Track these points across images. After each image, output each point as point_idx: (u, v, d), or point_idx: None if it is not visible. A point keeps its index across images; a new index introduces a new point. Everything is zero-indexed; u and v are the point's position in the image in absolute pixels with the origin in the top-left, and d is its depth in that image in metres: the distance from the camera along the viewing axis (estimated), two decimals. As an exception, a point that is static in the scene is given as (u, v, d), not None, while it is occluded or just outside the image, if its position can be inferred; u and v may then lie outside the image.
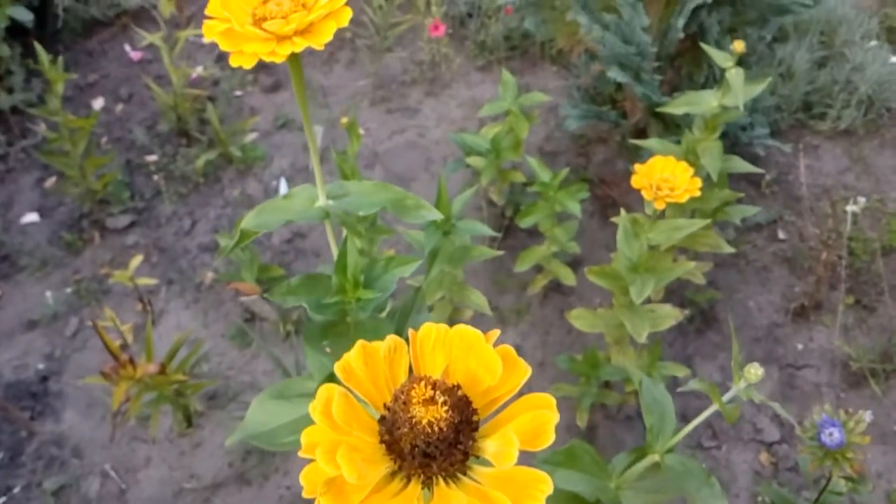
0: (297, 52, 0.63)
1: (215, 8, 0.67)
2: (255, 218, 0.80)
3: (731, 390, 0.82)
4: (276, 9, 0.66)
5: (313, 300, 0.77)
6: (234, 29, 0.64)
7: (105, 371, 1.18)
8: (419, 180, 2.30)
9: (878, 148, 2.31)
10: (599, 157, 2.31)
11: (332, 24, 0.64)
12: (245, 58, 0.64)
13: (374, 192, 0.81)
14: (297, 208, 0.80)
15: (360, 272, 0.78)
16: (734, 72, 1.30)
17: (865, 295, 1.95)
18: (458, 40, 2.67)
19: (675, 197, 1.18)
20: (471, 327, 0.49)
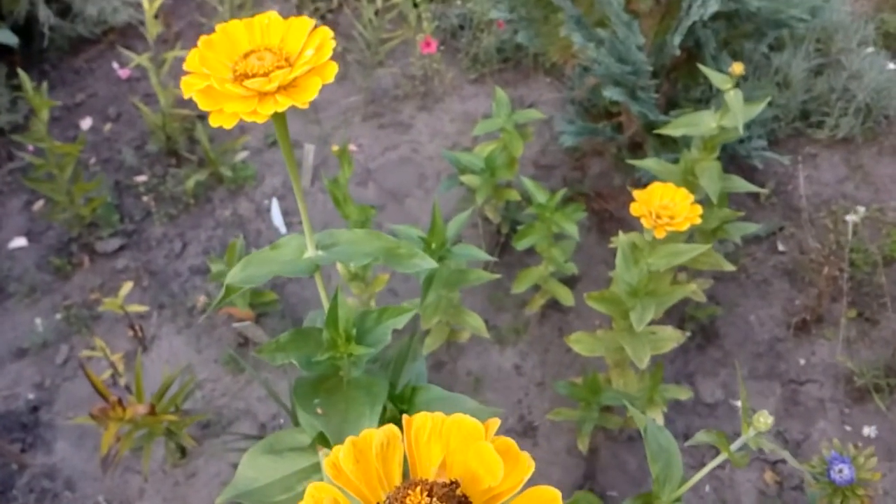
0: (281, 111, 0.60)
1: (193, 63, 0.64)
2: (241, 272, 0.77)
3: (741, 439, 0.79)
4: (257, 64, 0.63)
5: (303, 356, 0.74)
6: (214, 87, 0.61)
7: (94, 413, 1.15)
8: (413, 196, 2.27)
9: (876, 156, 2.29)
10: (595, 171, 2.28)
11: (316, 81, 0.61)
12: (225, 117, 0.61)
13: (365, 240, 0.78)
14: (285, 260, 0.77)
15: (352, 325, 0.75)
16: (733, 94, 1.27)
17: (867, 307, 1.92)
18: (451, 53, 2.64)
19: (676, 225, 1.15)
20: (469, 418, 0.46)
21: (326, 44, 0.63)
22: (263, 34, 0.67)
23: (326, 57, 0.62)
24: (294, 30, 0.66)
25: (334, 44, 0.63)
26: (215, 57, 0.65)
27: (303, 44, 0.65)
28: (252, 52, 0.65)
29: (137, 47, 2.67)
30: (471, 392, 1.84)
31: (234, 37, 0.67)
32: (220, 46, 0.66)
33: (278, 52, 0.64)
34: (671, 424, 1.74)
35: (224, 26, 0.68)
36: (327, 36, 0.64)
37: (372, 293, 1.72)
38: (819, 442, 1.72)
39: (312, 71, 0.62)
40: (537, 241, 1.64)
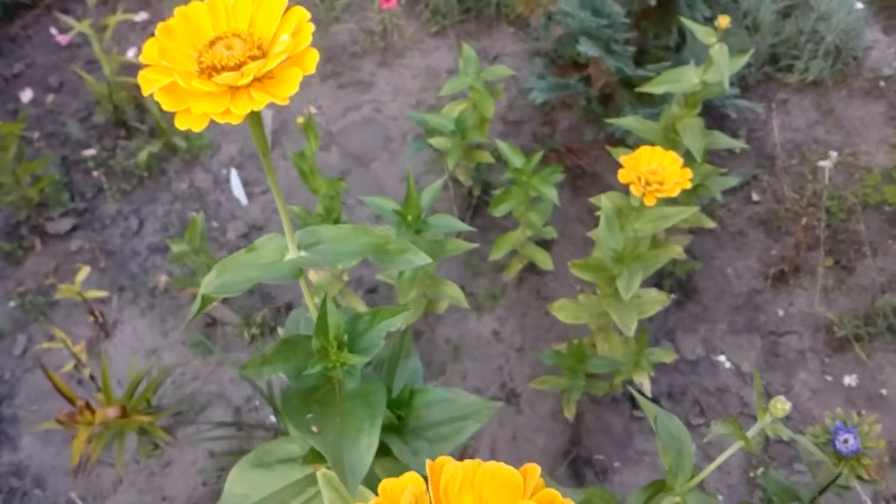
0: (258, 109, 0.53)
1: (151, 54, 0.55)
2: (216, 279, 0.70)
3: (756, 425, 0.76)
4: (226, 54, 0.55)
5: (292, 369, 0.68)
6: (179, 84, 0.53)
7: (61, 419, 1.08)
8: (379, 160, 2.19)
9: (846, 98, 2.26)
10: (565, 125, 2.22)
11: (296, 73, 0.54)
12: (194, 119, 0.53)
13: (351, 237, 0.71)
14: (264, 263, 0.70)
15: (344, 332, 0.68)
16: (718, 48, 1.21)
17: (844, 255, 1.92)
18: (410, 5, 2.52)
19: (666, 191, 1.10)
20: (505, 467, 0.41)
21: (304, 28, 0.55)
22: (229, 16, 0.59)
23: (306, 43, 0.55)
24: (265, 10, 0.58)
25: (312, 28, 0.55)
26: (176, 46, 0.57)
27: (276, 27, 0.57)
28: (218, 38, 0.57)
29: (76, 10, 2.50)
30: (450, 361, 1.80)
31: (196, 21, 0.59)
32: (180, 34, 0.58)
33: (248, 37, 0.56)
34: (654, 384, 1.72)
35: (183, 10, 0.60)
36: (304, 18, 0.56)
37: (344, 269, 1.65)
38: (801, 394, 1.72)
39: (290, 60, 0.54)
40: (514, 207, 1.58)
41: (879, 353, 1.76)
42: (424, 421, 0.72)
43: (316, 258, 0.69)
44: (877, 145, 2.15)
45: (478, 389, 1.76)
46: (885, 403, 1.70)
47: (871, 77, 2.31)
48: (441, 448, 0.70)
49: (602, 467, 1.66)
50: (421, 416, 0.71)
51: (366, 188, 2.12)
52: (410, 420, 0.71)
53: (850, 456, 0.94)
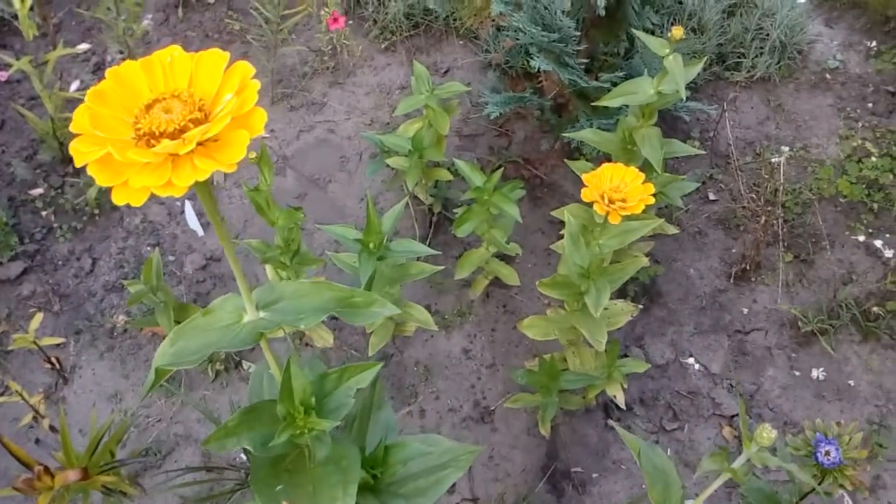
0: (203, 179, 0.50)
1: (82, 123, 0.52)
2: (170, 347, 0.66)
3: (743, 455, 0.75)
4: (165, 118, 0.52)
5: (258, 438, 0.65)
6: (113, 155, 0.50)
7: (18, 486, 1.03)
8: (336, 181, 2.15)
9: (794, 93, 2.29)
10: (521, 136, 2.21)
11: (242, 136, 0.51)
12: (132, 193, 0.50)
13: (313, 292, 0.69)
14: (221, 326, 0.67)
15: (310, 395, 0.66)
16: (672, 59, 1.21)
17: (802, 249, 1.94)
18: (357, 22, 2.49)
19: (630, 209, 1.10)
20: None
21: (249, 86, 0.53)
22: (167, 76, 0.56)
23: (252, 103, 0.52)
24: (205, 67, 0.55)
25: (258, 86, 0.53)
26: (110, 113, 0.54)
27: (218, 84, 0.54)
28: (156, 101, 0.54)
29: (14, 45, 2.42)
30: (422, 383, 1.77)
31: (131, 83, 0.56)
32: (114, 98, 0.55)
33: (189, 98, 0.53)
34: (626, 390, 1.72)
35: (116, 70, 0.57)
36: (248, 74, 0.53)
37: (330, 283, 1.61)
38: (771, 391, 1.73)
39: (236, 122, 0.52)
40: (477, 225, 1.57)
41: (844, 344, 1.79)
42: (401, 476, 0.69)
43: (276, 318, 0.66)
44: (827, 137, 2.18)
45: (451, 409, 1.74)
46: (854, 394, 1.73)
47: (817, 70, 2.35)
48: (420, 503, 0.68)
49: (581, 479, 1.65)
50: (397, 472, 0.69)
51: (324, 211, 2.08)
52: (386, 477, 0.68)
53: (832, 468, 0.94)
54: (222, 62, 0.54)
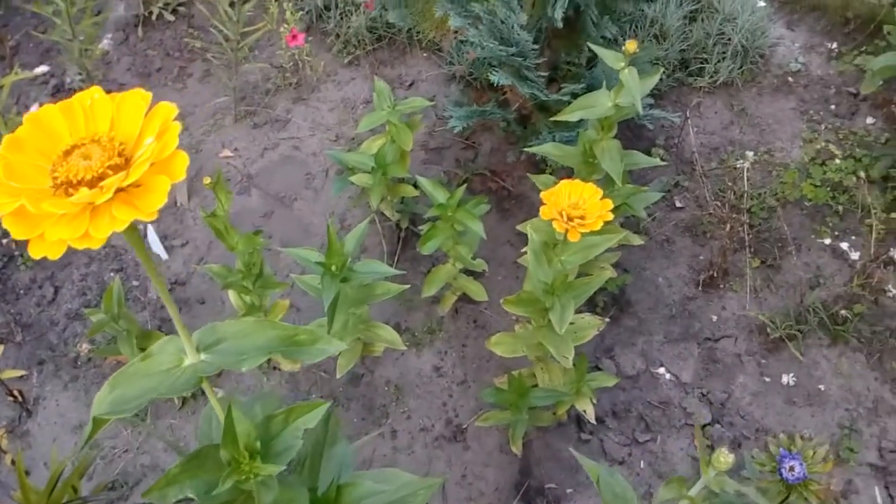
0: (122, 229, 0.48)
1: (-5, 174, 0.50)
2: (108, 394, 0.64)
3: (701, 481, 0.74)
4: (83, 164, 0.50)
5: (202, 486, 0.63)
6: (27, 208, 0.47)
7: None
8: (302, 198, 2.13)
9: (757, 97, 2.31)
10: (487, 147, 2.20)
11: (163, 182, 0.49)
12: (49, 246, 0.48)
13: (256, 331, 0.67)
14: (161, 371, 0.65)
15: (255, 439, 0.64)
16: (628, 72, 1.20)
17: (769, 254, 1.95)
18: (320, 37, 2.48)
19: (589, 226, 1.09)
20: None
21: (171, 128, 0.51)
22: (88, 119, 0.54)
23: (173, 146, 0.50)
24: (127, 109, 0.53)
25: (179, 128, 0.51)
26: (28, 160, 0.52)
27: (141, 127, 0.52)
28: (75, 146, 0.52)
29: (-35, 69, 2.37)
30: (393, 402, 1.75)
31: (51, 128, 0.54)
32: (31, 145, 0.53)
33: (109, 143, 0.51)
34: (598, 404, 1.71)
35: (35, 116, 0.54)
36: (170, 115, 0.52)
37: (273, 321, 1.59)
38: (742, 398, 1.73)
39: (156, 167, 0.50)
40: (442, 242, 1.55)
41: (813, 349, 1.79)
42: (354, 516, 0.67)
43: (217, 361, 0.64)
44: (791, 140, 2.19)
45: (423, 429, 1.72)
46: (825, 399, 1.73)
47: (779, 73, 2.36)
48: (374, 545, 0.66)
49: (555, 496, 1.63)
50: (350, 513, 0.67)
51: (291, 230, 2.06)
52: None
53: (796, 483, 0.93)
54: (144, 104, 0.52)
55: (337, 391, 1.77)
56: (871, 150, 2.11)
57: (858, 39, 2.42)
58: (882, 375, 1.75)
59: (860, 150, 2.13)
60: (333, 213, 2.07)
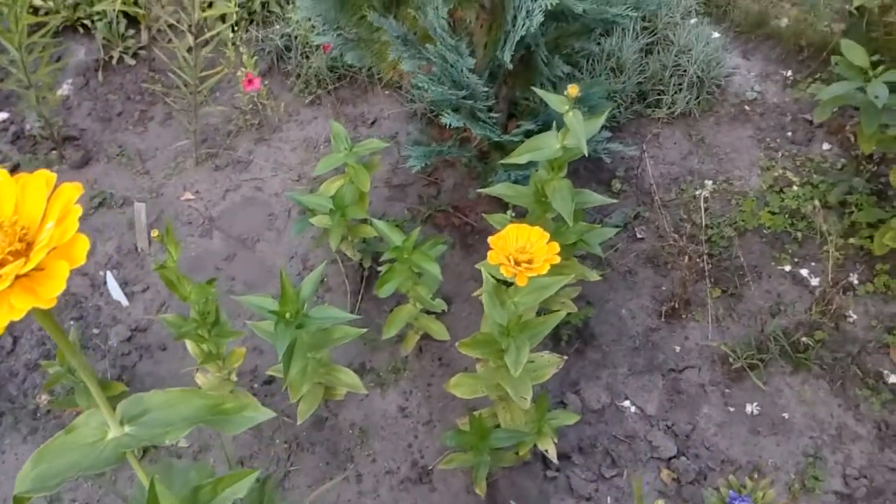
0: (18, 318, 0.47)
1: None
2: (31, 470, 0.63)
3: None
4: (-17, 250, 0.49)
5: (126, 565, 0.62)
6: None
7: None
8: (265, 240, 2.12)
9: (714, 126, 2.34)
10: (449, 183, 2.21)
11: (62, 267, 0.49)
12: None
13: (181, 401, 0.66)
14: (85, 444, 0.64)
15: (180, 513, 0.63)
16: (572, 115, 1.22)
17: (730, 283, 1.96)
18: (281, 77, 2.49)
19: (536, 270, 1.09)
20: None
21: (72, 212, 0.50)
22: (-7, 202, 0.53)
23: (73, 231, 0.50)
24: (31, 191, 0.53)
25: (80, 211, 0.50)
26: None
27: (44, 210, 0.52)
28: (-23, 231, 0.51)
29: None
30: (357, 446, 1.74)
31: (-46, 213, 0.53)
32: (-66, 231, 0.52)
33: (11, 227, 0.51)
34: (564, 438, 1.70)
35: (-62, 200, 0.54)
36: (72, 198, 0.51)
37: (232, 368, 1.57)
38: (707, 429, 1.73)
39: (57, 251, 0.49)
40: (401, 284, 1.55)
41: (776, 377, 1.80)
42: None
43: (142, 434, 0.63)
44: (749, 169, 2.22)
45: (388, 471, 1.70)
46: (789, 427, 1.73)
47: (736, 102, 2.40)
48: None
49: (522, 535, 1.62)
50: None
51: (253, 272, 2.05)
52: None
53: (744, 524, 0.93)
54: (47, 187, 0.52)
55: (301, 435, 1.75)
56: (827, 176, 2.15)
57: (812, 67, 2.47)
58: (845, 402, 1.76)
59: (817, 177, 2.16)
60: (295, 255, 2.07)
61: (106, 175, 2.28)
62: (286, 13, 2.44)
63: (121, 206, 2.19)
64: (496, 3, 1.66)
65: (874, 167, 2.14)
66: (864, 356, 1.82)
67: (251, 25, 2.55)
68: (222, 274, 2.05)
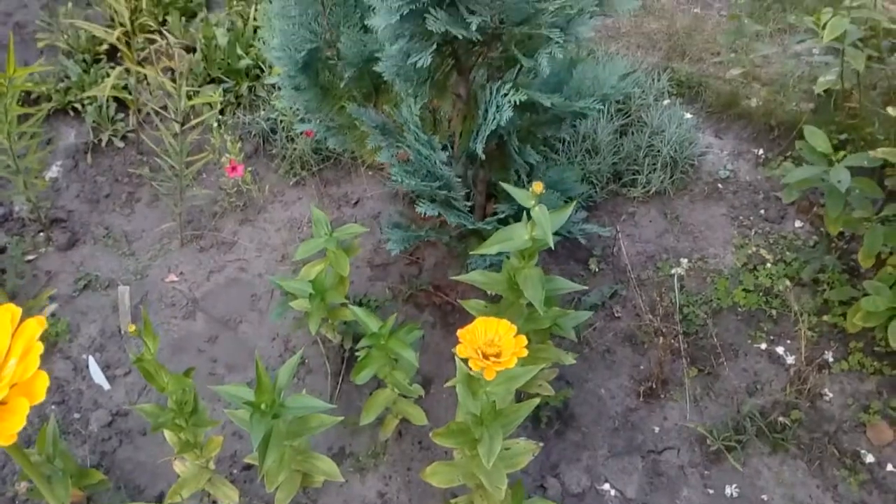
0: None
1: None
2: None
3: None
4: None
5: None
6: None
7: None
8: (247, 321, 2.14)
9: (689, 204, 2.40)
10: (431, 262, 2.25)
11: (22, 404, 0.51)
12: None
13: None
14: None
15: None
16: (538, 210, 1.26)
17: (707, 362, 1.98)
18: (267, 158, 2.55)
19: (504, 364, 1.11)
20: None
21: (34, 349, 0.53)
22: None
23: (34, 368, 0.52)
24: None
25: (41, 348, 0.53)
26: None
27: (7, 346, 0.54)
28: (-56, 367, 0.54)
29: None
30: (337, 532, 1.72)
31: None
32: None
33: (-23, 363, 0.53)
34: (544, 524, 1.70)
35: None
36: (34, 335, 0.54)
37: (209, 457, 1.57)
38: (686, 512, 1.73)
39: (18, 388, 0.52)
40: (378, 370, 1.57)
41: (754, 458, 1.81)
42: None
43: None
44: (723, 246, 2.27)
45: (367, 559, 1.69)
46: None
47: (709, 181, 2.47)
48: None
49: None
50: None
51: (236, 354, 2.06)
52: None
53: None
54: (13, 321, 0.55)
55: (279, 523, 1.73)
56: (800, 254, 2.19)
57: (783, 145, 2.54)
58: (823, 483, 1.76)
59: (790, 254, 2.21)
60: (277, 336, 2.09)
61: (92, 257, 2.31)
62: (271, 99, 2.51)
63: (106, 287, 2.22)
64: (472, 93, 1.72)
65: (845, 244, 2.19)
66: (841, 435, 1.83)
67: (238, 108, 2.63)
68: (204, 356, 2.06)
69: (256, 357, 1.39)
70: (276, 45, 1.68)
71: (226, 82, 2.62)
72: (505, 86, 1.52)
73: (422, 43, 1.44)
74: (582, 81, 1.71)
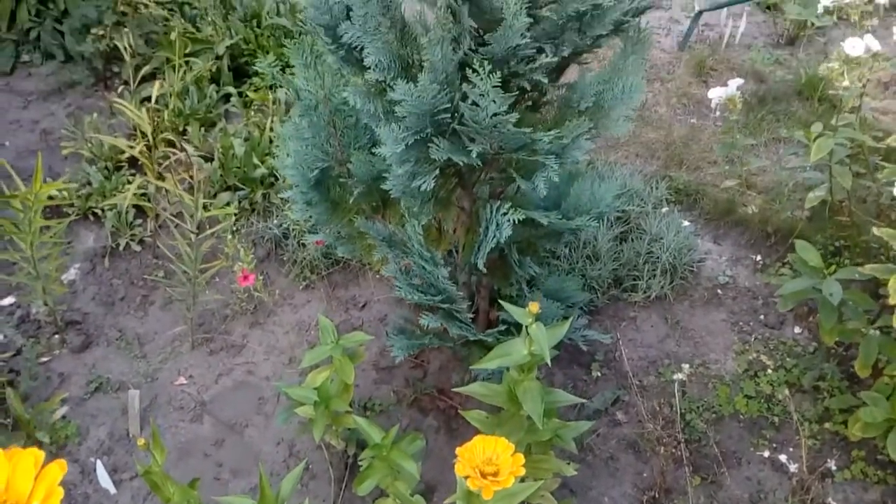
0: None
1: None
2: None
3: None
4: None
5: None
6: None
7: None
8: (254, 425, 2.17)
9: (689, 310, 2.44)
10: (436, 365, 2.29)
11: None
12: None
13: None
14: None
15: None
16: (535, 328, 1.31)
17: (709, 470, 1.98)
18: (278, 262, 2.63)
19: (502, 483, 1.14)
20: None
21: (55, 493, 0.58)
22: (-13, 477, 0.61)
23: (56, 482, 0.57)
24: (21, 470, 0.60)
25: (62, 493, 0.58)
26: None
27: (31, 490, 0.59)
28: (-29, 506, 0.59)
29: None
30: None
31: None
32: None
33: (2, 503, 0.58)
34: None
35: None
36: (56, 479, 0.59)
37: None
38: None
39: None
40: (380, 480, 1.59)
41: (758, 571, 1.79)
42: None
43: None
44: (724, 352, 2.30)
45: None
46: None
47: (709, 286, 2.52)
48: None
49: None
50: None
51: (240, 458, 2.08)
52: None
53: None
54: (36, 465, 0.60)
55: None
56: (800, 361, 2.22)
57: (780, 251, 2.61)
58: None
59: (790, 360, 2.24)
60: (282, 441, 2.11)
61: (104, 359, 2.36)
62: (284, 208, 2.62)
63: (116, 390, 2.26)
64: (474, 208, 1.81)
65: (844, 351, 2.22)
66: (847, 549, 1.82)
67: (252, 215, 2.73)
68: (210, 460, 2.08)
69: (260, 468, 1.42)
70: (290, 163, 1.78)
71: (241, 189, 2.74)
72: (504, 205, 1.60)
73: (426, 167, 1.53)
74: (579, 197, 1.80)
